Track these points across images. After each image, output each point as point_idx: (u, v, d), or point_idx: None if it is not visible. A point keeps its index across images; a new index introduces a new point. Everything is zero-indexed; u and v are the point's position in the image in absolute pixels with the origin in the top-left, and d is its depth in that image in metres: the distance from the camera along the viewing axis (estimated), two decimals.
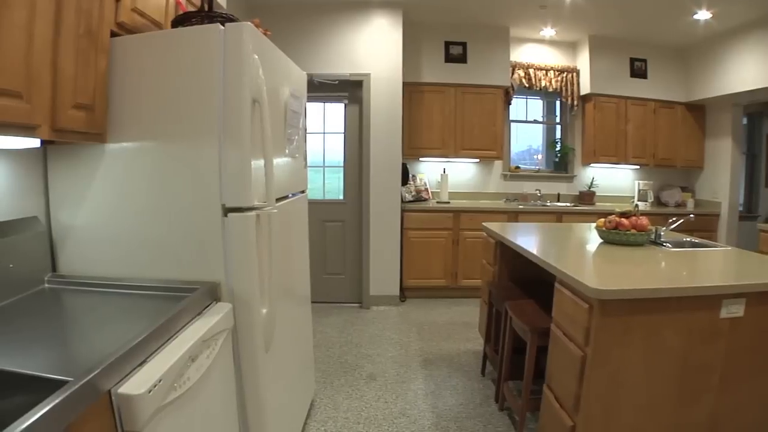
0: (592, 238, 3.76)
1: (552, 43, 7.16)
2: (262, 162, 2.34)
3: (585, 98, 7.11)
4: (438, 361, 4.46)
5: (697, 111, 7.12)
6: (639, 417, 2.42)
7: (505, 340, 3.43)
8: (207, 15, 2.37)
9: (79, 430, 1.28)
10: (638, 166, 7.28)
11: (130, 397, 1.41)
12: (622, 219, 3.41)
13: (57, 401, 1.18)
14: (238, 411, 2.34)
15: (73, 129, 2.00)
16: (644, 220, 3.39)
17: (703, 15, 5.66)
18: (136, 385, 1.45)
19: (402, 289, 6.34)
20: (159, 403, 1.51)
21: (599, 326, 2.30)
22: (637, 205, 6.47)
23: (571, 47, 7.23)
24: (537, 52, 7.16)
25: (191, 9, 2.78)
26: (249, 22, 2.21)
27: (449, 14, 6.37)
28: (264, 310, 2.39)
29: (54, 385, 1.27)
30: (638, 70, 6.96)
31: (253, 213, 2.27)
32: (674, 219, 3.88)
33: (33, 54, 1.71)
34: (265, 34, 2.45)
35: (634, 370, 2.37)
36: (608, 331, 2.31)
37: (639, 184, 7.24)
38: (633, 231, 3.35)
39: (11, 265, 2.07)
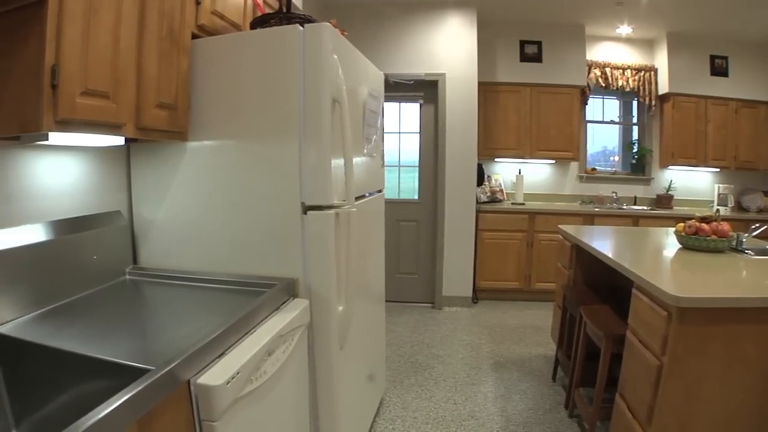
0: (669, 243, 3.65)
1: (628, 41, 6.96)
2: (341, 161, 2.37)
3: (663, 98, 6.86)
4: (509, 365, 4.42)
5: None
6: None
7: (578, 346, 3.37)
8: (285, 16, 2.41)
9: (159, 417, 1.33)
10: (718, 169, 6.95)
11: (209, 388, 1.45)
12: (703, 224, 3.29)
13: (140, 388, 1.23)
14: (309, 405, 2.37)
15: (156, 128, 2.07)
16: (726, 226, 3.27)
17: None
18: (215, 376, 1.49)
19: (474, 290, 6.29)
20: (236, 394, 1.55)
21: (677, 335, 2.23)
22: (718, 210, 6.25)
23: (649, 45, 7.01)
24: (613, 50, 6.98)
25: (269, 11, 2.83)
26: (327, 23, 2.24)
27: (524, 13, 6.31)
28: (340, 308, 2.42)
29: (135, 373, 1.32)
30: (719, 68, 6.67)
31: (332, 211, 2.30)
32: (757, 225, 3.70)
33: (119, 56, 1.79)
34: (342, 34, 2.48)
35: (712, 382, 2.28)
36: (686, 340, 2.24)
37: (719, 187, 6.91)
38: (713, 237, 3.23)
39: (95, 257, 2.17)
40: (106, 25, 1.71)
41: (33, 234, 1.87)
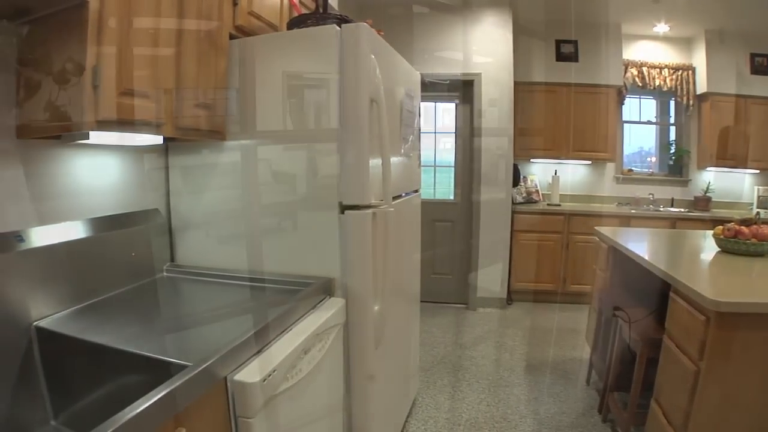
0: (707, 246, 3.58)
1: (666, 39, 6.82)
2: (379, 161, 2.37)
3: (701, 97, 6.70)
4: (542, 367, 4.39)
5: None
6: None
7: (613, 349, 3.34)
8: (322, 16, 2.42)
9: (196, 413, 1.35)
10: (758, 171, 6.74)
11: (245, 385, 1.46)
12: (742, 227, 3.23)
13: (177, 384, 1.25)
14: (343, 404, 2.38)
15: (194, 127, 2.11)
16: (766, 229, 3.19)
17: None
18: (251, 373, 1.51)
19: (509, 291, 6.25)
20: (272, 392, 1.57)
21: (715, 340, 2.19)
22: (758, 213, 6.11)
23: (686, 43, 6.84)
24: (650, 49, 6.85)
25: (305, 11, 2.85)
26: (364, 23, 2.25)
27: (559, 12, 6.24)
28: (376, 308, 2.43)
29: (172, 369, 1.35)
30: (759, 67, 6.45)
31: (370, 211, 2.31)
32: None
33: (158, 57, 1.82)
34: (378, 34, 2.48)
35: (750, 390, 2.23)
36: (725, 345, 2.19)
37: (759, 189, 6.73)
38: (753, 240, 3.15)
39: (133, 254, 2.21)
40: (145, 27, 1.74)
41: (73, 231, 1.91)
